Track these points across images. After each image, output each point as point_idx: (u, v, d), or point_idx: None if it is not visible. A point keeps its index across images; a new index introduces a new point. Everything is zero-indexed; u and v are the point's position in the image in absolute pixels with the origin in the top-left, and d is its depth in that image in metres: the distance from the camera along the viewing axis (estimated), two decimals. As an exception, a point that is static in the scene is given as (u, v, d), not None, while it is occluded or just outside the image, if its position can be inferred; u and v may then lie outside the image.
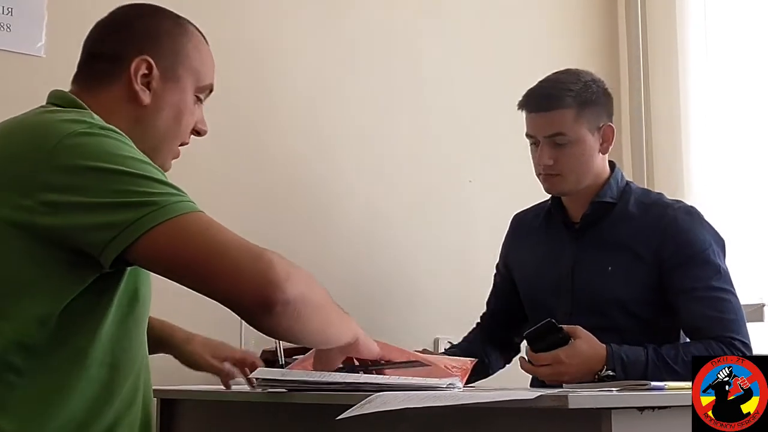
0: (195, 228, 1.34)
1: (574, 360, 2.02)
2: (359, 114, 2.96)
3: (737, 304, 2.18)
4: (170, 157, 1.63)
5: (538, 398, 1.25)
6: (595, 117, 2.26)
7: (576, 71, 2.32)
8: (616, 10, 3.59)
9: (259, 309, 1.33)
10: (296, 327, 1.39)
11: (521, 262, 2.47)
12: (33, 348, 1.36)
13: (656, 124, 3.45)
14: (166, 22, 1.62)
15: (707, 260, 2.18)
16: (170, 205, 1.33)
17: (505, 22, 3.34)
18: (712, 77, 3.30)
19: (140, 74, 1.55)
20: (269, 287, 1.32)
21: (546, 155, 2.24)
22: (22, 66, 2.38)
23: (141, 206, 1.32)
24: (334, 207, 2.89)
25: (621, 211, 2.28)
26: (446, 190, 3.09)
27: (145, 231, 1.31)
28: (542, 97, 2.26)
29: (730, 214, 3.17)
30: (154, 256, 1.33)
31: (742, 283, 3.07)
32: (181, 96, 1.59)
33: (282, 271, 1.33)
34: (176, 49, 1.59)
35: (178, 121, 1.59)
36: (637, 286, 2.21)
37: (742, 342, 2.11)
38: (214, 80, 1.67)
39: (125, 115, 1.54)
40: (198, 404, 2.16)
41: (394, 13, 3.08)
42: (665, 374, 2.02)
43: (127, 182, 1.34)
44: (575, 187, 2.29)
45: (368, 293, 2.90)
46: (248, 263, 1.33)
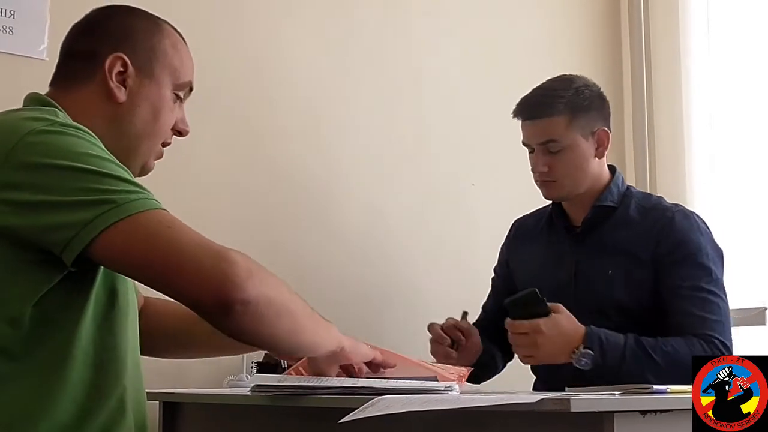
0: (153, 226, 1.31)
1: (553, 332, 2.02)
2: (360, 117, 2.96)
3: (725, 310, 2.17)
4: (152, 156, 1.61)
5: (540, 402, 1.25)
6: (588, 122, 2.27)
7: (569, 77, 2.33)
8: (619, 14, 3.59)
9: (217, 308, 1.30)
10: (262, 330, 1.36)
11: (523, 265, 2.47)
12: (9, 351, 1.33)
13: (659, 129, 3.45)
14: (140, 20, 1.61)
15: (699, 262, 2.19)
16: (129, 203, 1.31)
17: (508, 26, 3.34)
18: (714, 82, 3.30)
19: (115, 72, 1.54)
20: (227, 285, 1.29)
21: (540, 162, 2.27)
22: (24, 69, 2.38)
23: (99, 204, 1.30)
24: (334, 210, 2.89)
25: (622, 216, 2.29)
26: (449, 194, 3.09)
27: (102, 230, 1.29)
28: (534, 105, 2.28)
29: (732, 219, 3.17)
30: (112, 255, 1.31)
31: (744, 288, 3.09)
32: (158, 93, 1.58)
33: (243, 271, 1.30)
34: (152, 46, 1.58)
35: (155, 118, 1.58)
36: (638, 289, 2.22)
37: (722, 342, 2.10)
38: (193, 79, 1.65)
39: (101, 113, 1.53)
40: (200, 407, 2.16)
41: (395, 16, 3.08)
42: (643, 361, 2.04)
43: (87, 180, 1.32)
44: (572, 193, 2.30)
45: (368, 295, 2.90)
46: (207, 261, 1.30)
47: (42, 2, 2.42)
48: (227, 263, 1.30)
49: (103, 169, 1.34)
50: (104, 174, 1.34)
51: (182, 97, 1.63)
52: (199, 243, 1.32)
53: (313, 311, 1.50)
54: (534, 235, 2.47)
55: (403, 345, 2.30)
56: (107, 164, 1.36)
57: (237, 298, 1.30)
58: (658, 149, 3.44)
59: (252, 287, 1.30)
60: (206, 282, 1.29)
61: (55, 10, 2.43)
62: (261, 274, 1.33)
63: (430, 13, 3.16)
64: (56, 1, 2.43)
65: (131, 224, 1.30)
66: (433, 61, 3.13)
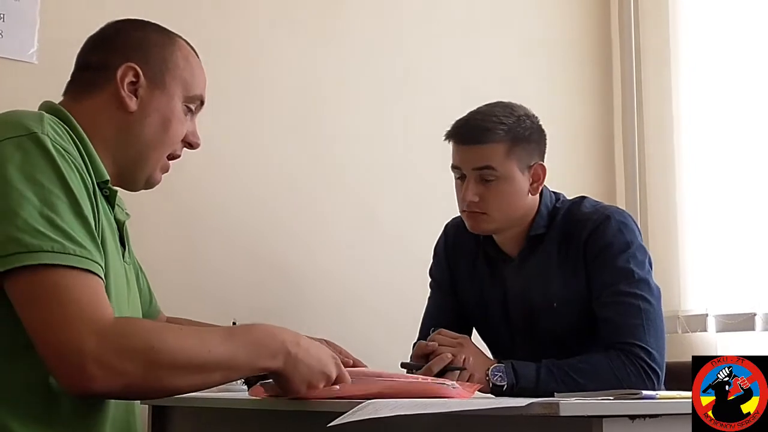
0: (43, 288, 1.30)
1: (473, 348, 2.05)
2: (351, 119, 2.97)
3: (648, 311, 2.08)
4: (158, 167, 1.62)
5: (529, 405, 1.25)
6: (526, 155, 2.16)
7: (509, 105, 2.21)
8: (609, 20, 3.60)
9: (76, 394, 1.32)
10: (154, 394, 1.38)
11: (464, 286, 2.35)
12: None
13: (648, 133, 3.46)
14: (153, 33, 1.63)
15: (619, 266, 2.11)
16: (40, 253, 1.30)
17: (499, 31, 3.35)
18: (704, 86, 3.30)
19: (127, 81, 1.56)
20: (82, 381, 1.28)
21: (471, 191, 2.14)
22: (14, 72, 2.38)
23: (17, 243, 1.29)
24: (326, 212, 2.89)
25: (552, 238, 2.20)
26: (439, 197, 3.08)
27: (9, 269, 1.29)
28: (473, 129, 2.15)
29: (722, 226, 3.18)
30: (10, 293, 1.32)
31: (734, 293, 3.10)
32: (169, 103, 1.59)
33: (92, 367, 1.28)
34: (164, 58, 1.60)
35: (165, 128, 1.59)
36: (588, 311, 2.15)
37: (641, 347, 2.03)
38: (204, 93, 1.66)
39: (112, 122, 1.55)
40: (189, 411, 2.16)
41: (386, 20, 3.09)
42: (559, 379, 2.00)
43: (29, 215, 1.31)
44: (500, 228, 2.21)
45: (359, 299, 2.90)
46: (66, 351, 1.28)
47: (32, 6, 2.41)
48: (83, 359, 1.27)
49: (48, 209, 1.33)
50: (44, 216, 1.32)
51: (194, 109, 1.65)
52: (69, 325, 1.29)
53: (234, 340, 1.42)
54: (470, 252, 2.33)
55: (396, 353, 2.31)
56: (57, 203, 1.34)
57: (94, 390, 1.29)
58: (647, 153, 3.45)
59: (101, 382, 1.28)
60: (63, 370, 1.29)
61: (45, 13, 2.43)
62: (113, 360, 1.29)
63: (422, 17, 3.16)
64: (46, 5, 2.43)
65: (28, 277, 1.29)
66: (425, 67, 3.14)
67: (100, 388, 1.29)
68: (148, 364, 1.32)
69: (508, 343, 2.28)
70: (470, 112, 2.22)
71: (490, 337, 2.35)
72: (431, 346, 2.04)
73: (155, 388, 1.36)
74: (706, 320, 3.17)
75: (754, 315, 3.04)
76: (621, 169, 3.48)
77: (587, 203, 2.24)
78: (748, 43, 3.20)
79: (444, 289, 2.39)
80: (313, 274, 2.83)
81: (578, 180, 3.29)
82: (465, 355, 2.02)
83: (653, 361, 2.04)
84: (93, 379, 1.28)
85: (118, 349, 1.30)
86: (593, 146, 3.52)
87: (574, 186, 2.81)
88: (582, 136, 3.49)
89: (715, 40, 3.29)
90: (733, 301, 3.11)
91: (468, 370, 2.00)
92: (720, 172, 3.23)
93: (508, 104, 2.22)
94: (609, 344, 2.06)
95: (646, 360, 2.03)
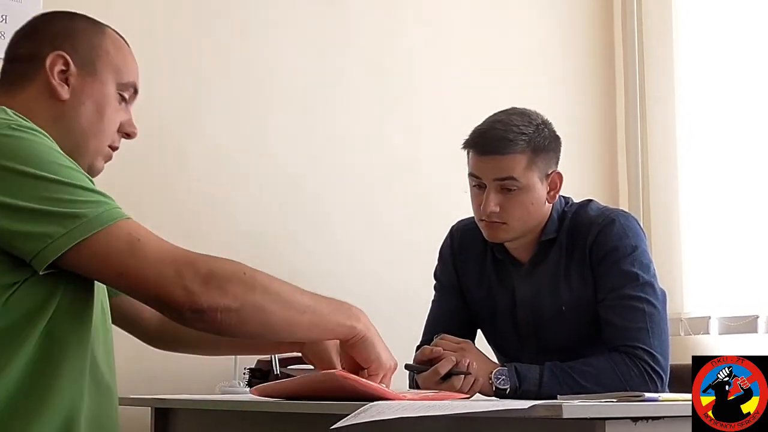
0: (119, 240, 1.36)
1: (475, 353, 2.04)
2: (352, 125, 2.97)
3: (653, 314, 2.08)
4: (99, 157, 1.59)
5: (532, 408, 1.25)
6: (545, 164, 2.15)
7: (526, 112, 2.18)
8: (612, 22, 3.61)
9: (188, 316, 1.36)
10: (245, 329, 1.41)
11: (472, 290, 2.33)
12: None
13: (651, 137, 3.47)
14: (81, 22, 1.62)
15: (624, 269, 2.10)
16: (97, 217, 1.34)
17: (502, 35, 3.35)
18: (707, 90, 3.31)
19: (57, 70, 1.54)
20: (191, 296, 1.35)
21: (492, 201, 2.11)
22: (17, 73, 2.37)
23: (68, 218, 1.33)
24: (326, 215, 2.90)
25: (560, 243, 2.20)
26: (439, 200, 3.09)
27: (72, 245, 1.32)
28: (494, 139, 2.12)
29: (724, 229, 3.18)
30: (84, 266, 1.36)
31: (736, 296, 3.10)
32: (102, 90, 1.57)
33: (199, 279, 1.35)
34: (93, 44, 1.58)
35: (100, 115, 1.57)
36: (595, 316, 2.14)
37: (645, 351, 2.03)
38: (138, 81, 1.64)
39: (46, 113, 1.53)
40: (191, 413, 2.15)
41: (389, 21, 3.09)
42: (563, 382, 2.00)
43: (52, 189, 1.34)
44: (517, 236, 2.19)
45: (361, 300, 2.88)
46: (169, 273, 1.35)
47: (34, 6, 2.42)
48: (189, 273, 1.36)
49: (69, 179, 1.36)
50: (71, 184, 1.36)
51: (127, 98, 1.62)
52: (162, 255, 1.37)
53: (315, 295, 1.49)
54: (479, 256, 2.31)
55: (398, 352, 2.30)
56: (72, 173, 1.38)
57: (203, 306, 1.35)
58: (650, 156, 3.46)
59: (206, 296, 1.35)
60: (171, 294, 1.35)
61: (48, 14, 2.43)
62: (222, 278, 1.37)
63: (424, 21, 3.16)
64: (49, 6, 2.43)
65: (99, 241, 1.34)
66: (427, 70, 3.14)
67: (206, 302, 1.35)
68: (243, 285, 1.39)
69: (515, 347, 2.27)
70: (488, 120, 2.18)
71: (497, 341, 2.35)
72: (436, 352, 2.04)
73: (257, 306, 1.40)
74: (708, 323, 3.17)
75: (757, 318, 3.04)
76: (624, 173, 3.48)
77: (593, 206, 2.24)
78: (751, 47, 3.21)
79: (450, 293, 2.37)
80: (316, 274, 2.83)
81: (581, 184, 3.28)
82: (469, 359, 2.01)
83: (657, 364, 2.04)
84: (199, 294, 1.34)
85: (211, 269, 1.37)
86: (596, 150, 3.52)
87: (577, 190, 2.80)
88: (585, 140, 3.49)
89: (718, 45, 3.29)
90: (735, 303, 3.11)
91: (472, 374, 2.00)
92: (722, 176, 3.23)
93: (525, 111, 2.19)
94: (613, 347, 2.06)
95: (650, 363, 2.03)
